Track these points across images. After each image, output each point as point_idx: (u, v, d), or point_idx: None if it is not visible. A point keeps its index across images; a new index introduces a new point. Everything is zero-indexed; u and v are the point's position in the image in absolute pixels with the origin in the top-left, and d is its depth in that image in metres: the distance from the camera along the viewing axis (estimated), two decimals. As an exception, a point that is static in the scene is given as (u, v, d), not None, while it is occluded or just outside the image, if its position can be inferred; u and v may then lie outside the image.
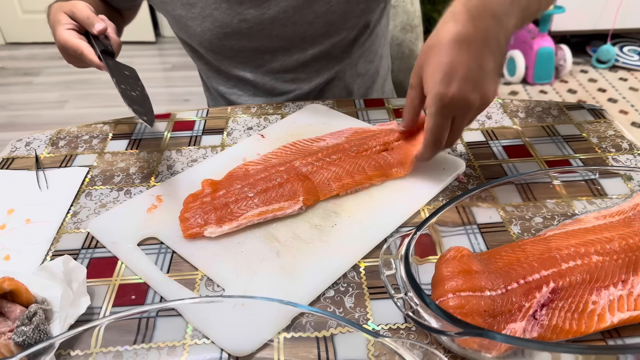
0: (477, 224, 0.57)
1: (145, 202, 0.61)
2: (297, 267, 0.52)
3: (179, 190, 0.63)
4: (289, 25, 0.82)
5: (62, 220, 0.61)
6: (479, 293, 0.44)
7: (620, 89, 2.53)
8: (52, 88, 2.68)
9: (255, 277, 0.51)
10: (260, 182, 0.61)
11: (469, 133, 0.74)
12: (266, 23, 0.81)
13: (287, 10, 0.80)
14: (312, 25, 0.82)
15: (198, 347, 0.46)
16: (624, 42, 2.83)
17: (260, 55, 0.86)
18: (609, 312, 0.44)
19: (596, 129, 0.74)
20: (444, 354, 0.44)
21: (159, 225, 0.58)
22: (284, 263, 0.52)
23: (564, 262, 0.46)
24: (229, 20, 0.81)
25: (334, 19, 0.82)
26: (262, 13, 0.80)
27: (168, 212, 0.59)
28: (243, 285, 0.50)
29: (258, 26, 0.81)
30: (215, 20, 0.81)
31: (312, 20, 0.81)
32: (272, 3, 0.79)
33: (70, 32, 0.69)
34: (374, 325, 0.47)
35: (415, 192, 0.61)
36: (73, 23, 0.69)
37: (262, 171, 0.63)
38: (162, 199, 0.62)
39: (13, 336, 0.43)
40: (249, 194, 0.59)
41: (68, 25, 0.69)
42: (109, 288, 0.52)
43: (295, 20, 0.81)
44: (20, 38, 3.13)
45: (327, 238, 0.55)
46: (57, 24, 0.70)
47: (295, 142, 0.69)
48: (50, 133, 0.78)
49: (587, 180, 0.62)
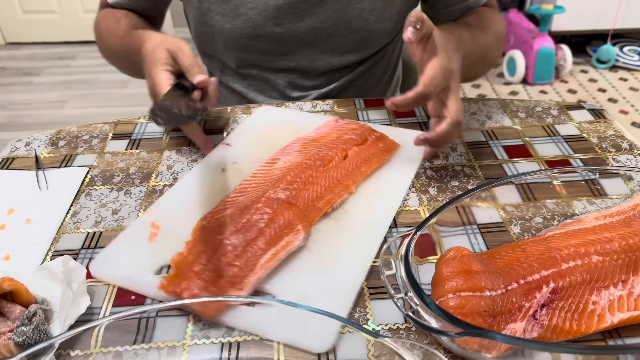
0: (477, 224, 0.57)
1: (142, 232, 0.57)
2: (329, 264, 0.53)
3: (171, 212, 0.60)
4: (322, 36, 0.83)
5: (62, 220, 0.61)
6: (479, 293, 0.44)
7: (620, 89, 2.53)
8: (52, 88, 2.68)
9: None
10: (248, 226, 0.55)
11: (469, 133, 0.74)
12: (301, 31, 0.82)
13: (325, 22, 0.81)
14: (345, 39, 0.83)
15: (198, 347, 0.46)
16: (624, 42, 2.83)
17: (286, 59, 0.86)
18: (609, 312, 0.44)
19: (596, 129, 0.74)
20: (444, 354, 0.44)
21: (169, 250, 0.53)
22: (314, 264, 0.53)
23: (564, 262, 0.46)
24: (263, 23, 0.81)
25: (368, 36, 0.84)
26: (299, 20, 0.81)
27: (171, 236, 0.56)
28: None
29: (292, 32, 0.82)
30: (248, 20, 0.81)
31: (347, 34, 0.82)
32: (311, 12, 0.80)
33: (166, 74, 0.65)
34: (374, 326, 0.47)
35: (396, 180, 0.64)
36: (172, 64, 0.66)
37: (238, 215, 0.56)
38: (158, 224, 0.58)
39: (13, 336, 0.43)
40: (246, 242, 0.53)
41: (166, 67, 0.66)
42: (109, 288, 0.52)
43: (331, 32, 0.82)
44: (20, 38, 3.13)
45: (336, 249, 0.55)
46: (156, 62, 0.66)
47: (255, 173, 0.64)
48: (50, 133, 0.78)
49: (587, 180, 0.62)
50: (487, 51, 0.81)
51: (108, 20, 0.84)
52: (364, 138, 0.69)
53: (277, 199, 0.58)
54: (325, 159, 0.64)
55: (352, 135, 0.69)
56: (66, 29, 3.09)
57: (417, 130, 0.75)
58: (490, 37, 0.81)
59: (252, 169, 0.65)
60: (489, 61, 0.86)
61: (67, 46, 3.11)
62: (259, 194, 0.59)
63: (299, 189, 0.60)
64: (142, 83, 0.72)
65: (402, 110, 0.65)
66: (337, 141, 0.68)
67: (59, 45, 3.12)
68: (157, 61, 0.66)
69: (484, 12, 0.84)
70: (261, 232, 0.54)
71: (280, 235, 0.53)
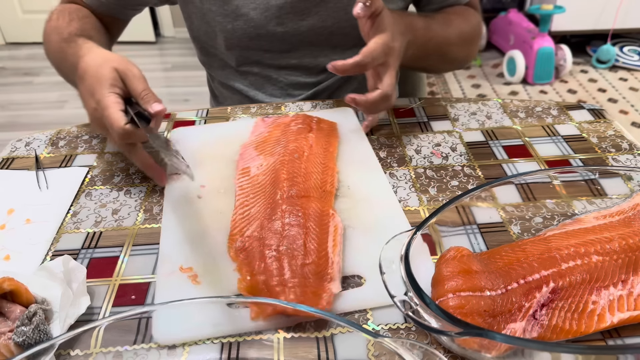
0: (477, 224, 0.57)
1: (179, 280, 0.52)
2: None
3: (188, 251, 0.55)
4: (324, 35, 0.83)
5: (62, 220, 0.61)
6: (479, 293, 0.44)
7: (620, 89, 2.53)
8: (52, 88, 2.68)
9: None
10: (290, 228, 0.54)
11: (469, 133, 0.74)
12: (302, 30, 0.82)
13: (326, 20, 0.81)
14: (347, 36, 0.83)
15: (198, 347, 0.46)
16: (624, 42, 2.83)
17: (288, 57, 0.86)
18: (609, 312, 0.44)
19: (596, 129, 0.74)
20: (444, 354, 0.44)
21: (221, 283, 0.51)
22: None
23: (564, 262, 0.46)
24: (265, 23, 0.81)
25: None
26: (301, 20, 0.81)
27: (209, 270, 0.53)
28: None
29: (294, 31, 0.82)
30: (249, 20, 0.81)
31: (349, 32, 0.82)
32: (313, 11, 0.80)
33: (114, 98, 0.59)
34: (374, 325, 0.47)
35: (360, 149, 0.69)
36: (121, 87, 0.60)
37: (269, 223, 0.55)
38: (187, 267, 0.53)
39: (13, 336, 0.43)
40: (302, 241, 0.52)
41: (114, 89, 0.59)
42: (109, 288, 0.52)
43: (333, 30, 0.83)
44: (20, 38, 3.13)
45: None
46: (102, 81, 0.59)
47: (241, 186, 0.62)
48: (50, 133, 0.78)
49: (587, 180, 0.62)
50: (446, 46, 0.82)
51: (61, 16, 0.80)
52: (309, 125, 0.71)
53: (292, 196, 0.58)
54: (298, 151, 0.65)
55: (299, 125, 0.71)
56: (66, 29, 3.09)
57: (418, 132, 0.75)
58: (452, 33, 0.82)
59: (228, 186, 0.63)
60: (450, 57, 0.87)
61: (67, 46, 3.11)
62: (269, 200, 0.59)
63: (300, 182, 0.60)
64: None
65: (340, 74, 0.66)
66: (290, 134, 0.69)
67: (59, 45, 3.12)
68: (103, 81, 0.59)
69: (458, 10, 0.85)
70: (307, 228, 0.54)
71: (324, 223, 0.55)
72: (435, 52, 0.81)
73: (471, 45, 0.89)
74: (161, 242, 0.56)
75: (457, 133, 0.74)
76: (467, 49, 0.89)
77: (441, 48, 0.82)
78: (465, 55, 0.89)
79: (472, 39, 0.88)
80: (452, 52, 0.86)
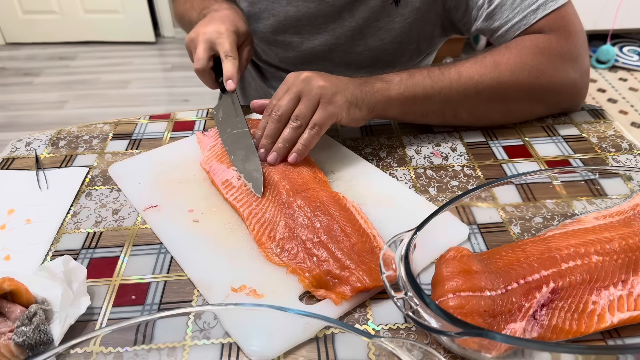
0: (477, 224, 0.57)
1: (240, 299, 0.50)
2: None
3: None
4: (337, 52, 0.84)
5: (62, 220, 0.61)
6: (479, 293, 0.44)
7: (620, 89, 2.53)
8: (52, 88, 2.68)
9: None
10: (317, 218, 0.55)
11: (469, 133, 0.74)
12: (317, 43, 0.84)
13: (340, 37, 0.82)
14: (360, 55, 0.84)
15: (198, 348, 0.46)
16: (623, 42, 2.83)
17: (302, 68, 0.87)
18: (609, 312, 0.44)
19: (596, 129, 0.74)
20: (444, 354, 0.44)
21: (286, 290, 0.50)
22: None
23: (564, 262, 0.46)
24: (282, 30, 0.84)
25: (383, 55, 0.85)
26: (316, 33, 0.83)
27: (266, 285, 0.51)
28: None
29: (309, 43, 0.85)
30: (268, 26, 0.85)
31: (362, 51, 0.83)
32: (329, 28, 0.82)
33: (207, 54, 0.70)
34: (374, 326, 0.47)
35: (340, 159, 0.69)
36: (226, 40, 0.70)
37: (294, 221, 0.56)
38: (237, 286, 0.51)
39: (13, 336, 0.43)
40: (339, 226, 0.54)
41: (223, 37, 0.69)
42: (109, 288, 0.52)
43: (346, 49, 0.84)
44: (20, 38, 3.13)
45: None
46: (224, 21, 0.71)
47: (236, 199, 0.60)
48: (50, 133, 0.78)
49: (587, 180, 0.62)
50: (479, 84, 0.67)
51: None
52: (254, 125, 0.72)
53: (298, 192, 0.59)
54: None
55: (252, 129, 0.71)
56: (66, 29, 3.09)
57: (418, 132, 0.75)
58: (487, 69, 0.67)
59: (216, 203, 0.61)
60: (501, 97, 0.69)
61: (67, 46, 3.11)
62: (277, 201, 0.59)
63: (295, 177, 0.61)
64: (142, 83, 0.73)
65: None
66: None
67: (59, 45, 3.12)
68: (222, 24, 0.70)
69: (517, 41, 0.69)
70: (331, 214, 0.56)
71: (343, 206, 0.57)
72: (469, 95, 0.68)
73: (534, 78, 0.68)
74: (190, 274, 0.53)
75: (457, 133, 0.74)
76: (527, 83, 0.68)
77: (477, 89, 0.68)
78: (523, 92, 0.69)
79: (532, 71, 0.67)
80: (503, 92, 0.69)
